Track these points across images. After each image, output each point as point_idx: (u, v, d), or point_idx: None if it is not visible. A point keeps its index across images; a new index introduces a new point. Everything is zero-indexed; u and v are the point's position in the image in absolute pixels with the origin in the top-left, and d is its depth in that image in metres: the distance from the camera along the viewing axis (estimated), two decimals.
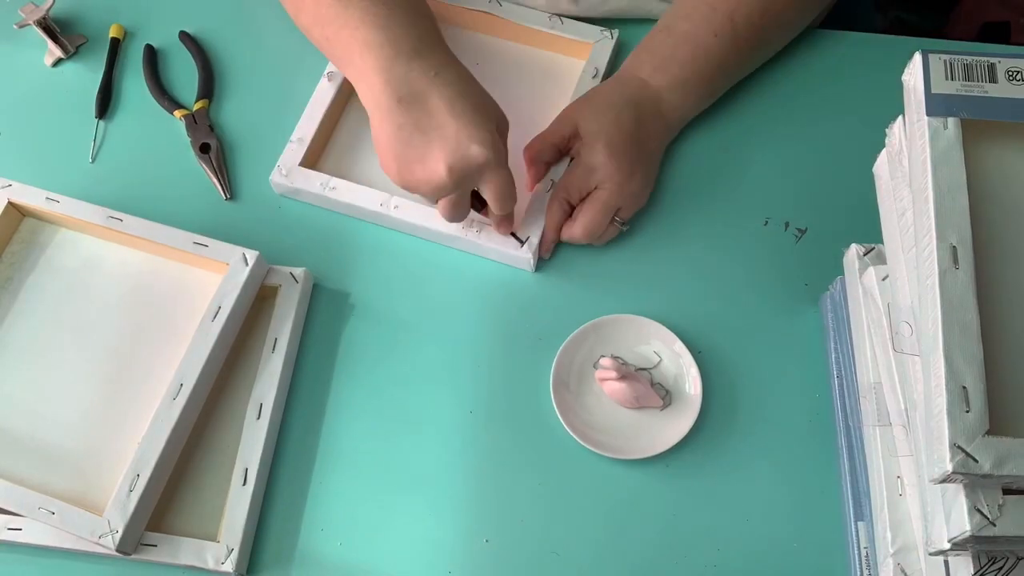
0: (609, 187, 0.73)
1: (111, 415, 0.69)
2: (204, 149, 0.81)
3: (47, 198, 0.74)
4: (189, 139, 0.82)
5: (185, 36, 0.87)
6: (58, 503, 0.63)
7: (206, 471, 0.69)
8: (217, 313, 0.69)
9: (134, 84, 0.86)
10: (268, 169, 0.78)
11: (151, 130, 0.83)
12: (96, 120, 0.83)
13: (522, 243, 0.73)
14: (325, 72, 0.80)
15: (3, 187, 0.75)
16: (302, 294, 0.73)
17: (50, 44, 0.86)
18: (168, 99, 0.84)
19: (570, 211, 0.75)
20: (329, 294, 0.75)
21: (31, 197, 0.75)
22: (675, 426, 0.68)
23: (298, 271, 0.73)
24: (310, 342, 0.74)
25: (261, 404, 0.69)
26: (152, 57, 0.86)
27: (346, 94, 0.82)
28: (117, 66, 0.86)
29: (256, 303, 0.73)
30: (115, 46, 0.87)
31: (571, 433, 0.67)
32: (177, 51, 0.88)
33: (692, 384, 0.70)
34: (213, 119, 0.83)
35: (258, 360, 0.71)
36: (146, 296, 0.73)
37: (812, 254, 0.75)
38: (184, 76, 0.86)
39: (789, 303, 0.74)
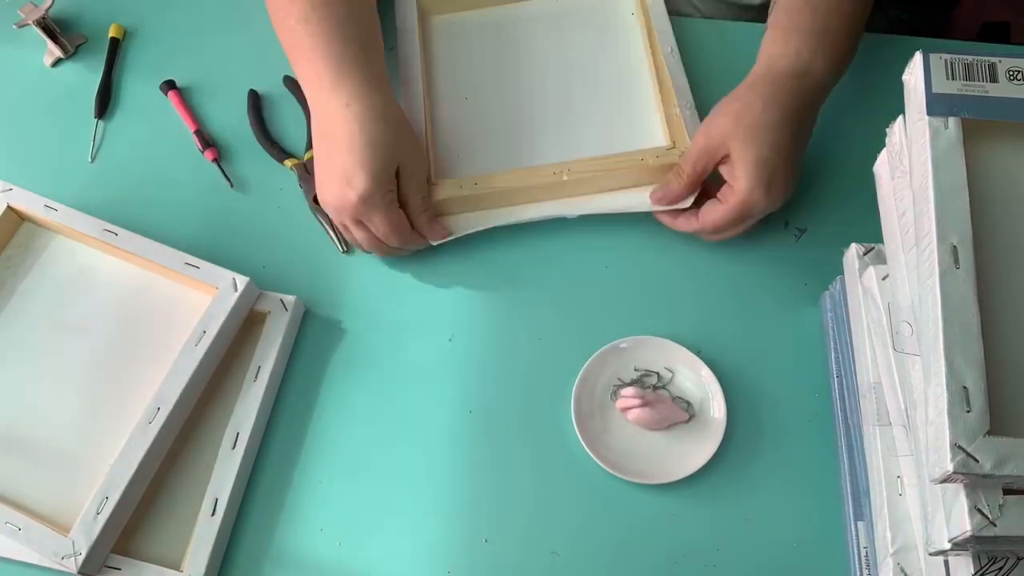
0: (762, 214, 0.71)
1: (93, 428, 0.68)
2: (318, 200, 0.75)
3: (45, 206, 0.74)
4: (302, 189, 0.79)
5: (291, 82, 0.84)
6: (24, 518, 0.63)
7: (178, 496, 0.67)
8: (201, 338, 0.68)
9: (134, 84, 0.86)
10: None
11: (151, 130, 0.83)
12: (95, 120, 0.83)
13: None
14: None
15: (3, 191, 0.75)
16: (291, 322, 0.72)
17: (50, 44, 0.86)
18: (277, 147, 0.81)
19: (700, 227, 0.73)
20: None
21: (30, 203, 0.74)
22: (701, 448, 0.68)
23: (288, 298, 0.72)
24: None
25: (238, 433, 0.67)
26: (257, 102, 0.84)
27: None
28: (117, 66, 0.86)
29: (244, 327, 0.72)
30: (115, 46, 0.87)
31: (591, 455, 0.67)
32: (280, 97, 0.85)
33: (717, 408, 0.69)
34: None
35: (240, 386, 0.70)
36: (137, 310, 0.73)
37: (812, 254, 0.75)
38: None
39: (789, 303, 0.74)
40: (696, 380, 0.70)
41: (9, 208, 0.74)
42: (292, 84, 0.84)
